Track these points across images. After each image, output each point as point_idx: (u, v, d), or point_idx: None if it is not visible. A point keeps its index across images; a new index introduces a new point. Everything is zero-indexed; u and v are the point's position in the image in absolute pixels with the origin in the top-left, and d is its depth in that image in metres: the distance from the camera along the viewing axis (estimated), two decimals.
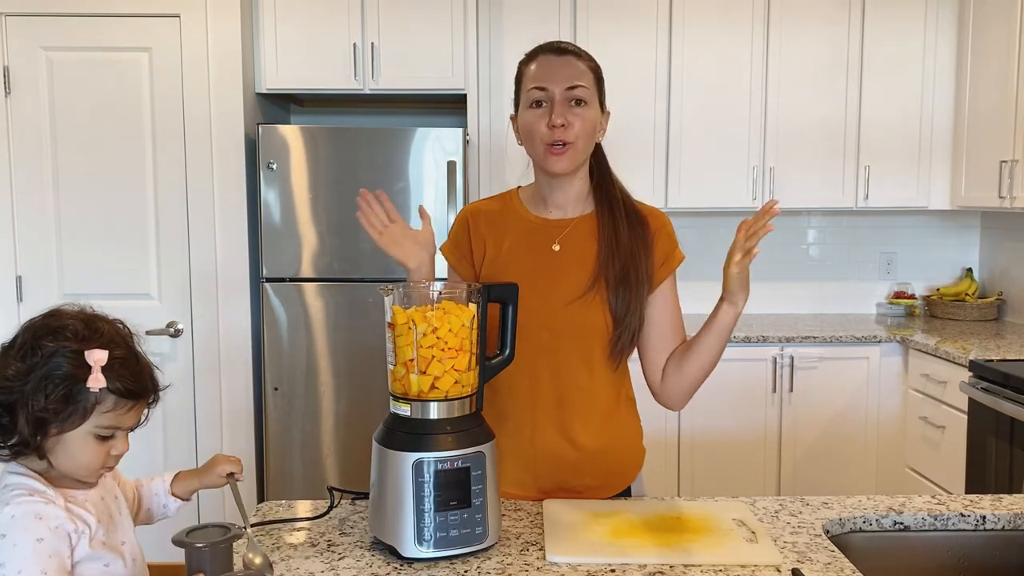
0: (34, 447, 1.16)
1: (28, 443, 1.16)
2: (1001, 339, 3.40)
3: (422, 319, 1.31)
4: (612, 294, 1.58)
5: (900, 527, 1.48)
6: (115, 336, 1.22)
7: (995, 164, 3.40)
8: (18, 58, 3.26)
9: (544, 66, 1.58)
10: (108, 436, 1.20)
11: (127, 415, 1.21)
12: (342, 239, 3.35)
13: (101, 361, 1.15)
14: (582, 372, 1.60)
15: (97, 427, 1.18)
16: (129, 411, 1.21)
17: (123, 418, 1.20)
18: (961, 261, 4.11)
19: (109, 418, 1.18)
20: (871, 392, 3.49)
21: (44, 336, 1.18)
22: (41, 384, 1.15)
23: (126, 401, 1.20)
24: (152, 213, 3.33)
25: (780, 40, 3.67)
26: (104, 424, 1.18)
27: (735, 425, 3.49)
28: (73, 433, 1.17)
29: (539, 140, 1.57)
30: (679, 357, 1.63)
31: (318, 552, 1.34)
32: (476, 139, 3.59)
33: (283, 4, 3.40)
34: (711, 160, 3.71)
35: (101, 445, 1.19)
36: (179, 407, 3.37)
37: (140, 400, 1.22)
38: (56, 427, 1.16)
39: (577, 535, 1.38)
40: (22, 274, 3.33)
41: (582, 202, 1.66)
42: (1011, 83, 3.32)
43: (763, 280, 4.11)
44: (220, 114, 3.30)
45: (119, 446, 1.22)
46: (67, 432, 1.17)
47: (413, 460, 1.28)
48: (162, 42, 3.28)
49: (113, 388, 1.17)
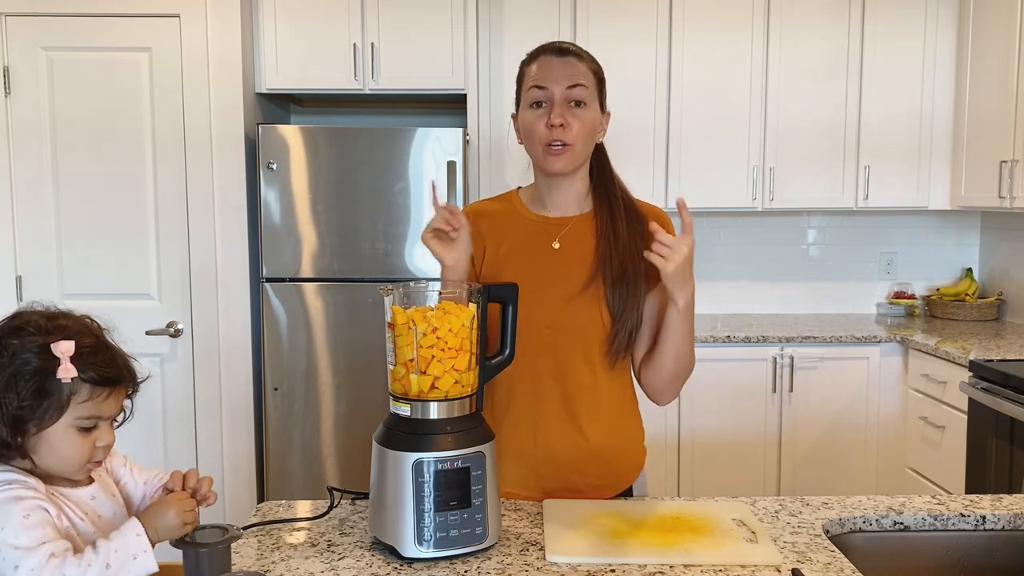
0: (15, 447, 1.16)
1: (9, 444, 1.15)
2: (1001, 339, 3.40)
3: (422, 319, 1.31)
4: (610, 291, 1.58)
5: (900, 527, 1.48)
6: (81, 328, 1.22)
7: (995, 164, 3.40)
8: (18, 58, 3.26)
9: (545, 66, 1.58)
10: (90, 427, 1.19)
11: (105, 403, 1.20)
12: (342, 239, 3.35)
13: (69, 351, 1.15)
14: (584, 370, 1.60)
15: (77, 419, 1.18)
16: (107, 399, 1.20)
17: (102, 407, 1.20)
18: (961, 261, 4.11)
19: (87, 408, 1.18)
20: (871, 392, 3.49)
21: (7, 336, 1.18)
22: (11, 382, 1.15)
23: (101, 389, 1.19)
24: (152, 213, 3.33)
25: (780, 40, 3.67)
26: (84, 415, 1.18)
27: (735, 425, 3.49)
28: (53, 428, 1.17)
29: (538, 140, 1.58)
30: (649, 355, 1.63)
31: (318, 552, 1.34)
32: (476, 139, 3.59)
33: (283, 4, 3.40)
34: (711, 160, 3.71)
35: (85, 437, 1.19)
36: (179, 407, 3.37)
37: (116, 387, 1.22)
38: (35, 424, 1.16)
39: (577, 535, 1.38)
40: (22, 274, 3.33)
41: (582, 201, 1.67)
42: (1011, 83, 3.32)
43: (763, 280, 4.12)
44: (220, 114, 3.30)
45: (104, 437, 1.21)
46: (47, 428, 1.16)
47: (413, 460, 1.29)
48: (162, 42, 3.28)
49: (86, 377, 1.17)
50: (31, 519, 1.11)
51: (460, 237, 1.54)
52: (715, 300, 4.05)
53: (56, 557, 1.09)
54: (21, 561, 1.08)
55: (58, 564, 1.09)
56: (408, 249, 3.34)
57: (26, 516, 1.11)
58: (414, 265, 3.33)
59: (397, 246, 3.34)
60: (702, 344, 3.35)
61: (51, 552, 1.09)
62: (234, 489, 3.37)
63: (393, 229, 3.34)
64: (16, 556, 1.08)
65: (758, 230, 4.08)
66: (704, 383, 3.34)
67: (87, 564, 1.10)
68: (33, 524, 1.11)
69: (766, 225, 4.07)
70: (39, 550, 1.09)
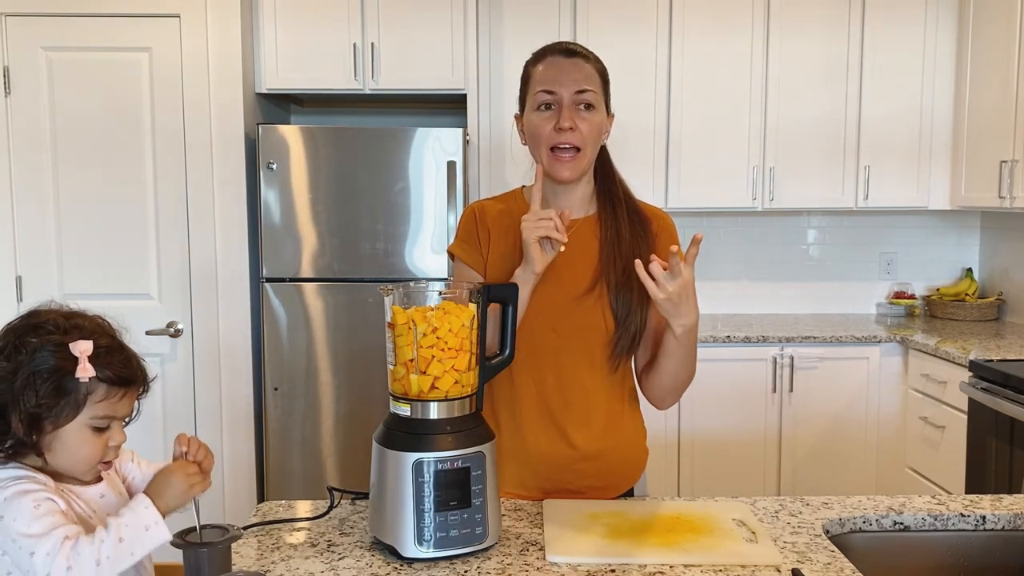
0: (31, 445, 1.16)
1: (24, 442, 1.16)
2: (1001, 339, 3.40)
3: (422, 319, 1.31)
4: (614, 295, 1.58)
5: (900, 527, 1.48)
6: (97, 328, 1.23)
7: (995, 164, 3.40)
8: (18, 58, 3.26)
9: (553, 68, 1.57)
10: (104, 427, 1.20)
11: (120, 403, 1.21)
12: (342, 239, 3.35)
13: (87, 351, 1.16)
14: (586, 373, 1.60)
15: (92, 418, 1.18)
16: (122, 399, 1.21)
17: (116, 407, 1.21)
18: (961, 261, 4.11)
19: (103, 407, 1.19)
20: (871, 392, 3.49)
21: (26, 334, 1.18)
22: (30, 380, 1.15)
23: (117, 389, 1.20)
24: (152, 213, 3.33)
25: (780, 40, 3.67)
26: (99, 415, 1.19)
27: (735, 425, 3.49)
28: (69, 427, 1.17)
29: (545, 143, 1.56)
30: (650, 366, 1.63)
31: (318, 552, 1.34)
32: (476, 139, 3.59)
33: (283, 4, 3.40)
34: (711, 160, 3.71)
35: (98, 437, 1.20)
36: (179, 407, 3.37)
37: (131, 387, 1.23)
38: (51, 422, 1.16)
39: (577, 535, 1.38)
40: (22, 274, 3.33)
41: (586, 204, 1.66)
42: (1011, 83, 3.32)
43: (763, 280, 4.12)
44: (220, 114, 3.30)
45: (116, 437, 1.22)
46: (62, 427, 1.17)
47: (413, 460, 1.29)
48: (162, 42, 3.28)
49: (104, 377, 1.18)
50: (41, 508, 1.12)
51: (558, 250, 1.52)
52: (715, 300, 4.05)
53: (70, 539, 1.10)
54: (36, 547, 1.09)
55: (72, 545, 1.10)
56: (408, 249, 3.34)
57: (36, 506, 1.12)
58: (414, 265, 3.33)
59: (397, 246, 3.34)
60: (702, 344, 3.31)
61: (64, 535, 1.10)
62: (234, 489, 3.37)
63: (393, 229, 3.34)
64: (31, 543, 1.09)
65: (758, 230, 4.08)
66: (704, 383, 3.32)
67: (100, 540, 1.11)
68: (44, 513, 1.12)
69: (766, 225, 4.07)
70: (52, 535, 1.10)
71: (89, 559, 1.09)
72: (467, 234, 1.67)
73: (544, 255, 1.52)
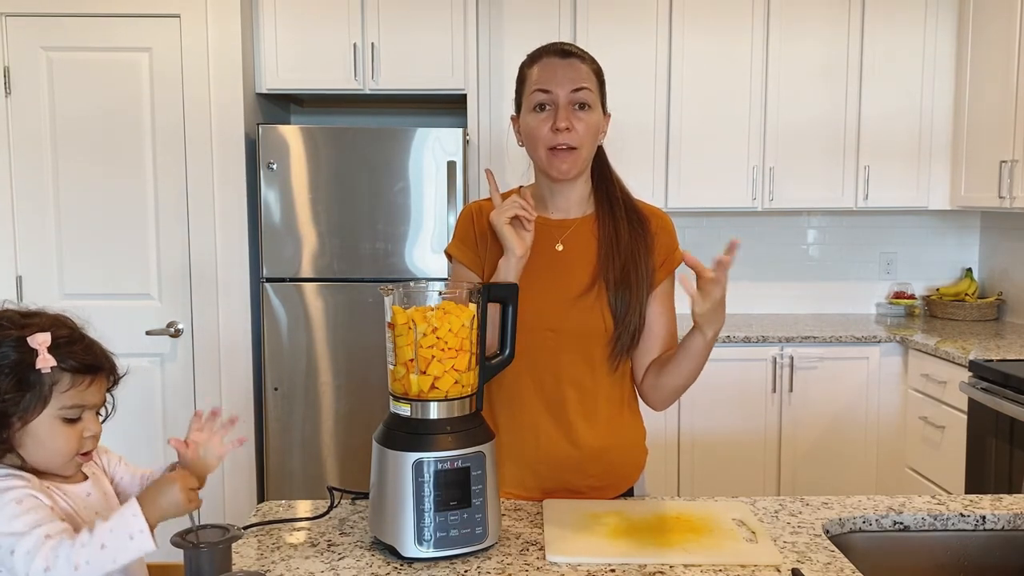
0: (1, 443, 1.16)
1: None
2: (1001, 339, 3.40)
3: (422, 319, 1.31)
4: (612, 294, 1.58)
5: (900, 527, 1.48)
6: (55, 321, 1.23)
7: (995, 164, 3.40)
8: (18, 58, 3.26)
9: (548, 69, 1.57)
10: (75, 418, 1.20)
11: (88, 392, 1.21)
12: (342, 239, 3.35)
13: (45, 342, 1.16)
14: (585, 373, 1.60)
15: (62, 409, 1.18)
16: (89, 386, 1.21)
17: (85, 395, 1.21)
18: (961, 261, 4.11)
19: (70, 397, 1.19)
20: (871, 392, 3.49)
21: None
22: None
23: (83, 377, 1.20)
24: (152, 213, 3.33)
25: (780, 40, 3.67)
26: (67, 404, 1.19)
27: (735, 425, 3.49)
28: (39, 421, 1.17)
29: (542, 144, 1.56)
30: (658, 367, 1.63)
31: (318, 552, 1.34)
32: (476, 139, 3.59)
33: (283, 4, 3.40)
34: (711, 160, 3.71)
35: (71, 428, 1.20)
36: (179, 407, 3.37)
37: (98, 374, 1.23)
38: (19, 418, 1.16)
39: (577, 535, 1.38)
40: (22, 274, 3.33)
41: (584, 203, 1.66)
42: (1011, 83, 3.32)
43: (763, 280, 4.12)
44: (220, 114, 3.30)
45: (90, 427, 1.22)
46: (32, 421, 1.17)
47: (413, 460, 1.29)
48: (162, 42, 3.28)
49: (66, 366, 1.18)
50: (24, 504, 1.12)
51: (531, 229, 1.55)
52: None
53: (51, 539, 1.10)
54: (16, 545, 1.09)
55: (53, 546, 1.09)
56: (408, 249, 3.34)
57: (18, 502, 1.12)
58: (414, 265, 3.33)
59: (397, 246, 3.34)
60: None
61: (46, 534, 1.10)
62: (234, 489, 3.37)
63: (393, 229, 3.34)
64: (11, 541, 1.09)
65: (758, 230, 4.08)
66: (704, 383, 3.30)
67: (81, 545, 1.11)
68: (26, 509, 1.12)
69: (766, 225, 4.07)
70: (32, 533, 1.10)
71: (67, 562, 1.09)
72: (464, 235, 1.67)
73: (520, 237, 1.54)
